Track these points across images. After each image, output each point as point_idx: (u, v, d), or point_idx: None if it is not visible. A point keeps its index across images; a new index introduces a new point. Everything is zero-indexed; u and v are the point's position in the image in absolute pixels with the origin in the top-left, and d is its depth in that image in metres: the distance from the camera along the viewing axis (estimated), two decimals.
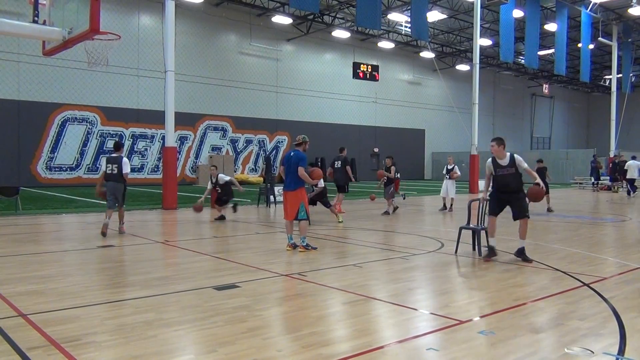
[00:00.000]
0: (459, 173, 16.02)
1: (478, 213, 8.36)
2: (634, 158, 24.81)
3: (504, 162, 7.74)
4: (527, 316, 4.85)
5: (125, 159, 10.44)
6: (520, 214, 7.72)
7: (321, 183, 12.44)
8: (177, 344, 4.11)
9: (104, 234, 9.86)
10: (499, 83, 50.26)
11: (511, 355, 3.88)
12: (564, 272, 6.78)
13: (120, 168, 10.22)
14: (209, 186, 13.12)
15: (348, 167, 14.14)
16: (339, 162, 14.36)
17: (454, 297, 5.71)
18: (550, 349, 4.01)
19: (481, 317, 4.85)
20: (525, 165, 7.80)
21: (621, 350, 3.98)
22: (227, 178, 13.12)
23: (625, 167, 24.19)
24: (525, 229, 7.73)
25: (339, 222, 12.51)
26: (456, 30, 39.30)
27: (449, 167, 16.14)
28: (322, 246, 8.92)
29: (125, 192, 10.54)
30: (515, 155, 7.78)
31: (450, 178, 15.83)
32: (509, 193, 7.76)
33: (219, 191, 12.97)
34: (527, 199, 7.91)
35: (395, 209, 14.96)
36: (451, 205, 15.98)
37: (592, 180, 29.06)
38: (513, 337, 4.25)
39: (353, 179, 14.84)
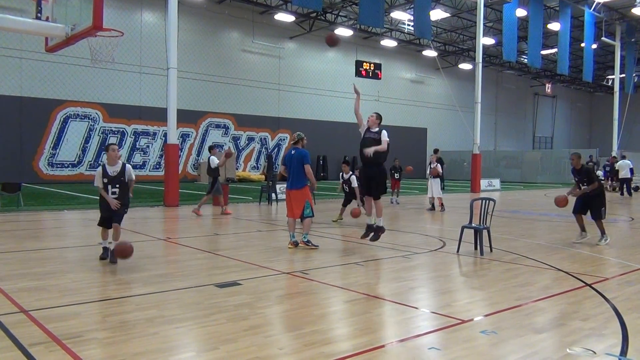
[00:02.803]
0: (439, 170, 15.66)
1: (480, 212, 8.35)
2: (623, 158, 24.82)
3: (374, 129, 8.41)
4: (529, 316, 4.85)
5: (212, 157, 13.61)
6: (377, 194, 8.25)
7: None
8: (179, 342, 4.11)
9: (226, 214, 13.49)
10: (502, 82, 50.15)
11: (513, 355, 3.88)
12: (566, 272, 6.77)
13: (208, 165, 13.66)
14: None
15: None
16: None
17: (456, 297, 5.70)
18: (552, 349, 4.00)
19: (483, 316, 4.84)
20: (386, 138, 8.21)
21: (623, 351, 3.97)
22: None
23: (616, 167, 24.19)
24: (379, 208, 8.30)
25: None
26: (459, 29, 39.20)
27: (432, 165, 15.73)
28: (323, 244, 8.91)
29: (215, 182, 13.56)
30: (383, 130, 8.34)
31: (431, 175, 15.47)
32: (368, 165, 8.26)
33: (347, 190, 12.65)
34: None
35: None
36: (441, 205, 15.42)
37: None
38: (515, 337, 4.25)
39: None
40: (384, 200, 8.55)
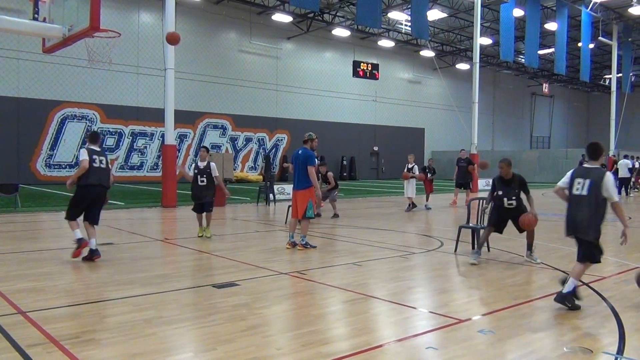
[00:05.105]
0: (416, 173, 15.70)
1: (477, 212, 8.37)
2: (625, 157, 24.87)
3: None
4: (527, 315, 4.86)
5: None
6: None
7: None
8: (177, 342, 4.11)
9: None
10: (499, 82, 50.21)
11: (510, 355, 3.89)
12: (564, 272, 6.78)
13: None
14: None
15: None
16: (464, 162, 17.43)
17: (454, 296, 5.71)
18: (549, 348, 4.02)
19: (481, 316, 4.86)
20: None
21: (620, 350, 3.98)
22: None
23: (617, 167, 24.29)
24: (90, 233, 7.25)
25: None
26: (456, 29, 39.24)
27: (409, 166, 15.62)
28: (321, 244, 8.91)
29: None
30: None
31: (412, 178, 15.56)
32: None
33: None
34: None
35: (335, 216, 13.40)
36: (410, 204, 15.35)
37: None
38: (512, 336, 4.26)
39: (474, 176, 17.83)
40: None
